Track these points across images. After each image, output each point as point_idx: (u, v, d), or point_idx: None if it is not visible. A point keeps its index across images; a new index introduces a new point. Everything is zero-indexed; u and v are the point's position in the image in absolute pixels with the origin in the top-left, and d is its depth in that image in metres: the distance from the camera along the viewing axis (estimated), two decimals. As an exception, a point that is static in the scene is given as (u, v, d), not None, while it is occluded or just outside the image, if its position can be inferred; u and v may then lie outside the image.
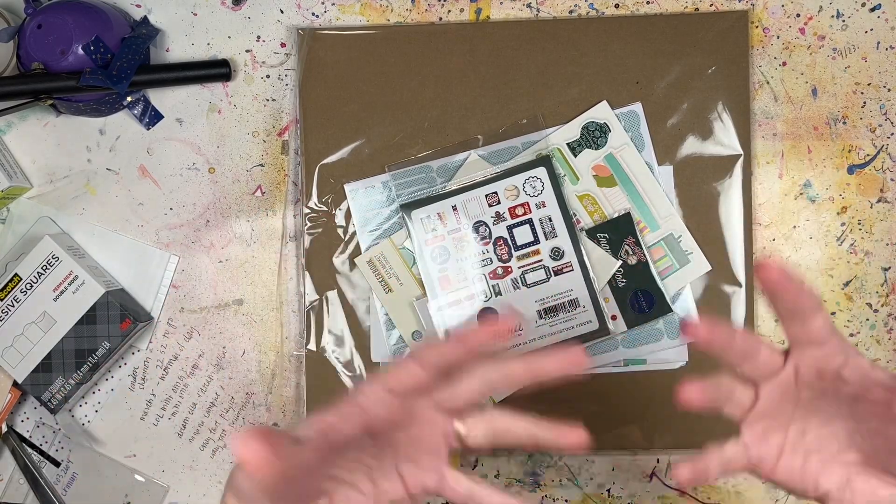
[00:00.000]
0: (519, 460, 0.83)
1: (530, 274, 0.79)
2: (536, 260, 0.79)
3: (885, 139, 0.81)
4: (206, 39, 0.83)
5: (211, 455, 0.84)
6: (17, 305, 0.80)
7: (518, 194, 0.79)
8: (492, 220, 0.79)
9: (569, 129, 0.80)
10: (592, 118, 0.80)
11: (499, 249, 0.79)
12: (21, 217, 0.84)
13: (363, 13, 0.82)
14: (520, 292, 0.79)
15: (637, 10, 0.81)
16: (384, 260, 0.80)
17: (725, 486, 0.82)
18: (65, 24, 0.78)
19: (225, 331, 0.84)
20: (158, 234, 0.83)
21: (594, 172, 0.80)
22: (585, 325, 0.79)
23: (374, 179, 0.81)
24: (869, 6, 0.81)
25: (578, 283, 0.79)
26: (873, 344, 0.81)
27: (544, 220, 0.79)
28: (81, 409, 0.84)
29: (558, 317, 0.79)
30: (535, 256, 0.79)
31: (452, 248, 0.79)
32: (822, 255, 0.81)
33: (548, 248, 0.79)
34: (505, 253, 0.79)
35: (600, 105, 0.80)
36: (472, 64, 0.81)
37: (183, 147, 0.83)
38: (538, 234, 0.79)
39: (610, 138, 0.80)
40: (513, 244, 0.79)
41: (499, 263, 0.79)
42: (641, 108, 0.80)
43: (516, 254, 0.79)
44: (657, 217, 0.79)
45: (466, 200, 0.79)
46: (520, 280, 0.79)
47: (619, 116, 0.80)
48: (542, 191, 0.79)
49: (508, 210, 0.79)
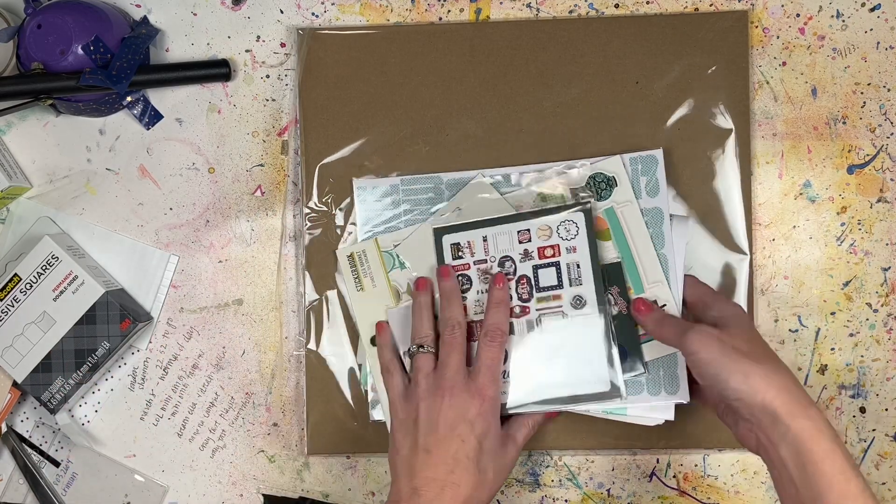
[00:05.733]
0: (519, 460, 0.83)
1: (547, 318, 0.76)
2: (556, 305, 0.76)
3: (885, 139, 0.81)
4: (205, 39, 0.83)
5: (211, 455, 0.84)
6: (17, 305, 0.80)
7: (550, 235, 0.77)
8: (519, 257, 0.77)
9: (576, 175, 0.79)
10: (602, 170, 0.78)
11: (520, 288, 0.77)
12: (21, 217, 0.83)
13: (363, 13, 0.82)
14: (532, 334, 0.76)
15: (637, 10, 0.81)
16: (364, 258, 0.80)
17: (725, 486, 0.82)
18: (65, 24, 0.78)
19: (225, 331, 0.84)
20: (158, 234, 0.83)
21: None
22: (597, 384, 0.76)
23: (384, 181, 0.80)
24: (869, 6, 0.81)
25: (596, 337, 0.76)
26: (873, 344, 0.81)
27: (572, 265, 0.76)
28: (81, 409, 0.84)
29: (570, 369, 0.76)
30: (555, 301, 0.76)
31: (475, 279, 0.78)
32: (821, 255, 0.81)
33: (570, 295, 0.76)
34: (526, 292, 0.77)
35: (613, 158, 0.78)
36: (472, 64, 0.81)
37: (183, 147, 0.83)
38: (563, 279, 0.76)
39: (615, 193, 0.78)
40: (535, 285, 0.77)
41: (518, 302, 0.77)
42: (662, 154, 0.78)
43: (537, 295, 0.77)
44: (645, 281, 0.77)
45: (498, 233, 0.78)
46: (535, 322, 0.76)
47: (636, 160, 0.78)
48: (576, 236, 0.76)
49: (538, 249, 0.77)
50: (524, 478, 0.83)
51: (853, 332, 0.81)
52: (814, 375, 0.81)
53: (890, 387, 0.82)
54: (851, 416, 0.82)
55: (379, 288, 0.80)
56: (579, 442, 0.81)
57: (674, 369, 0.76)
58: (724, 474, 0.82)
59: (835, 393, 0.82)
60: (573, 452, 0.82)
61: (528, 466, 0.83)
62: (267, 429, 0.83)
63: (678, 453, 0.82)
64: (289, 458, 0.83)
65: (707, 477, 0.82)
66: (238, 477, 0.84)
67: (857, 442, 0.82)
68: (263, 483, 0.84)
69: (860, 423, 0.82)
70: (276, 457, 0.83)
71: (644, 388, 0.77)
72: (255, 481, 0.84)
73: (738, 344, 0.65)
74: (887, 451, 0.82)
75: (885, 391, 0.82)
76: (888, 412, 0.82)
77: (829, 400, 0.82)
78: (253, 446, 0.84)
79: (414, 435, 0.71)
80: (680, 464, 0.83)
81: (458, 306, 0.76)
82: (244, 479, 0.84)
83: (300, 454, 0.83)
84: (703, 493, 0.83)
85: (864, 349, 0.81)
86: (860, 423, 0.82)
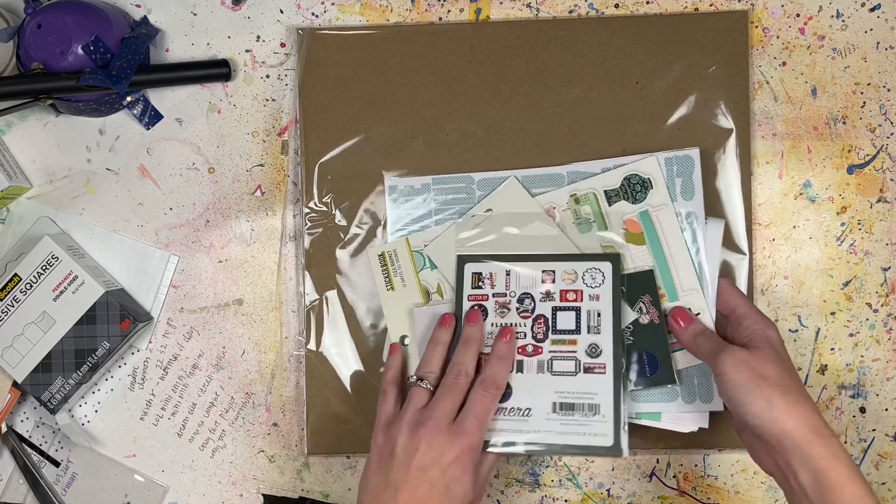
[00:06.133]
0: (519, 460, 0.83)
1: (560, 362, 0.74)
2: (570, 350, 0.74)
3: (885, 139, 0.81)
4: (205, 39, 0.83)
5: (211, 455, 0.84)
6: (17, 305, 0.80)
7: (575, 279, 0.75)
8: (539, 297, 0.76)
9: (610, 176, 0.78)
10: (637, 171, 0.77)
11: (536, 327, 0.75)
12: (21, 217, 0.83)
13: (363, 13, 0.82)
14: (542, 376, 0.74)
15: (637, 10, 0.81)
16: (395, 257, 0.80)
17: (725, 486, 0.82)
18: (65, 24, 0.78)
19: (225, 331, 0.84)
20: (158, 234, 0.83)
21: (625, 226, 0.77)
22: (598, 438, 0.73)
23: (416, 179, 0.80)
24: (869, 6, 0.81)
25: (606, 390, 0.73)
26: (873, 344, 0.81)
27: (592, 313, 0.75)
28: (81, 409, 0.84)
29: (573, 417, 0.73)
30: (570, 346, 0.74)
31: (492, 311, 0.76)
32: (821, 255, 0.81)
33: (586, 343, 0.74)
34: (541, 332, 0.75)
35: (649, 159, 0.77)
36: (472, 64, 0.81)
37: (183, 147, 0.83)
38: (581, 325, 0.75)
39: (650, 195, 0.77)
40: (552, 326, 0.75)
41: (531, 340, 0.75)
42: (699, 154, 0.77)
43: (552, 337, 0.75)
44: (679, 288, 0.76)
45: (522, 269, 0.77)
46: (546, 364, 0.75)
47: (672, 160, 0.77)
48: (601, 285, 0.75)
49: (560, 292, 0.76)
50: (524, 478, 0.83)
51: (853, 332, 0.81)
52: (814, 375, 0.81)
53: (890, 387, 0.82)
54: (851, 416, 0.82)
55: (409, 287, 0.80)
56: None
57: (708, 380, 0.76)
58: (724, 474, 0.82)
59: (835, 393, 0.82)
60: (573, 452, 0.82)
61: (528, 466, 0.83)
62: (267, 429, 0.84)
63: (678, 453, 0.82)
64: (289, 458, 0.83)
65: (707, 477, 0.82)
66: (238, 477, 0.84)
67: (857, 442, 0.82)
68: (263, 483, 0.84)
69: (860, 423, 0.82)
70: (276, 457, 0.83)
71: (679, 395, 0.77)
72: (255, 481, 0.84)
73: (767, 370, 0.67)
74: (887, 451, 0.82)
75: (885, 391, 0.82)
76: (888, 412, 0.82)
77: (829, 400, 0.82)
78: (253, 446, 0.84)
79: (385, 468, 0.70)
80: (680, 464, 0.83)
81: (473, 355, 0.74)
82: (244, 479, 0.84)
83: (300, 454, 0.83)
84: (703, 493, 0.83)
85: (864, 349, 0.81)
86: (860, 423, 0.82)
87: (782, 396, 0.66)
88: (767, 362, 0.68)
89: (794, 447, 0.64)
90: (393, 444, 0.70)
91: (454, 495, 0.69)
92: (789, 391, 0.66)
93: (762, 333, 0.71)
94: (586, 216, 0.78)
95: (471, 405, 0.71)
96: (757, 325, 0.71)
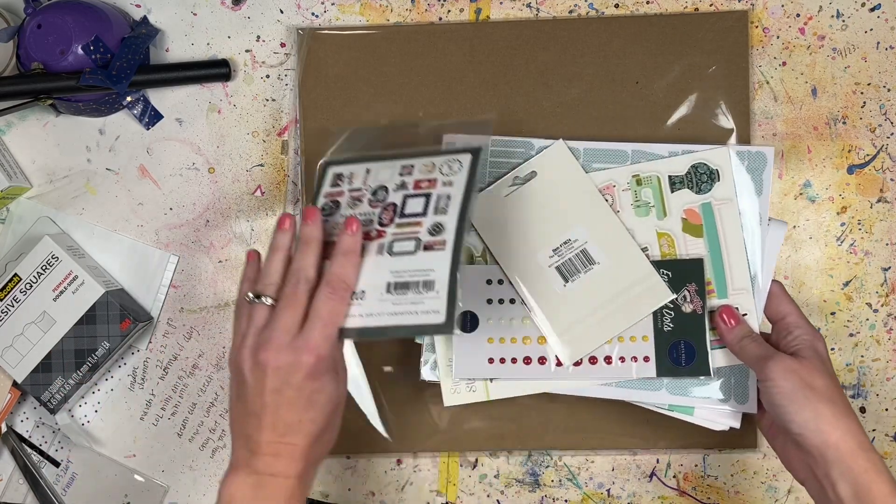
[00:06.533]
0: (519, 460, 0.83)
1: (400, 243, 0.68)
2: (414, 231, 0.68)
3: (885, 139, 0.81)
4: (205, 39, 0.83)
5: (210, 455, 0.84)
6: (17, 305, 0.80)
7: (433, 171, 0.71)
8: (394, 188, 0.71)
9: (677, 161, 0.76)
10: (706, 160, 0.75)
11: (384, 214, 0.70)
12: (21, 217, 0.83)
13: (363, 13, 0.82)
14: (380, 258, 0.68)
15: (637, 10, 0.81)
16: None
17: (725, 486, 0.82)
18: (64, 24, 0.78)
19: (225, 331, 0.84)
20: (158, 234, 0.83)
21: (684, 215, 0.76)
22: (431, 315, 0.66)
23: (476, 138, 0.76)
24: (869, 6, 0.81)
25: (443, 266, 0.67)
26: (873, 344, 0.81)
27: (442, 196, 0.69)
28: (81, 409, 0.84)
29: (406, 296, 0.67)
30: (414, 227, 0.69)
31: (344, 205, 0.71)
32: (821, 255, 0.81)
33: (430, 222, 0.68)
34: (388, 218, 0.70)
35: (721, 149, 0.75)
36: (472, 64, 0.81)
37: (183, 147, 0.83)
38: (429, 208, 0.69)
39: (716, 187, 0.75)
40: (400, 212, 0.70)
41: (376, 226, 0.69)
42: (773, 153, 0.75)
43: (398, 221, 0.69)
44: (730, 286, 0.75)
45: (382, 167, 0.72)
46: (386, 246, 0.69)
47: (744, 154, 0.75)
48: (457, 174, 0.70)
49: (414, 182, 0.71)
50: (524, 478, 0.83)
51: (853, 332, 0.81)
52: (814, 375, 0.81)
53: (890, 387, 0.82)
54: (851, 416, 0.82)
55: None
56: (579, 442, 0.81)
57: (745, 380, 0.75)
58: (724, 474, 0.82)
59: (835, 393, 0.82)
60: (573, 452, 0.82)
61: (528, 466, 0.83)
62: (267, 429, 0.83)
63: (678, 453, 0.82)
64: (289, 458, 0.83)
65: (707, 477, 0.82)
66: (238, 477, 0.84)
67: (857, 442, 0.82)
68: (263, 483, 0.84)
69: (860, 423, 0.82)
70: (276, 457, 0.83)
71: (714, 392, 0.76)
72: (255, 481, 0.84)
73: (816, 381, 0.67)
74: (887, 451, 0.82)
75: (885, 391, 0.82)
76: (888, 412, 0.82)
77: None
78: (253, 446, 0.84)
79: (242, 397, 0.65)
80: (680, 464, 0.83)
81: (312, 257, 0.67)
82: (244, 479, 0.84)
83: (300, 454, 0.83)
84: (703, 493, 0.83)
85: (864, 349, 0.81)
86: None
87: (829, 408, 0.66)
88: (816, 373, 0.68)
89: (836, 459, 0.65)
90: (241, 371, 0.65)
91: (319, 402, 0.65)
92: (836, 403, 0.67)
93: (811, 344, 0.71)
94: (646, 200, 0.76)
95: (315, 311, 0.65)
96: (806, 336, 0.71)
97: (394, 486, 0.83)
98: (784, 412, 0.67)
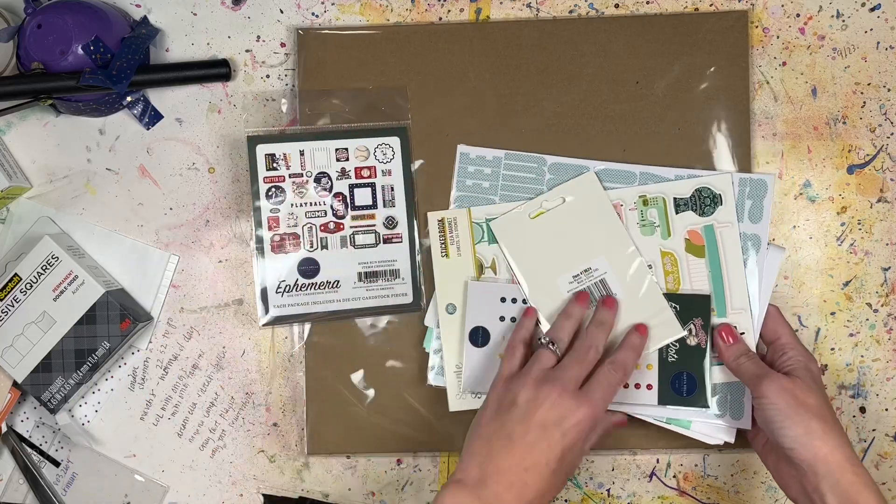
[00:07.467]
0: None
1: (361, 236, 0.79)
2: (370, 224, 0.80)
3: (885, 139, 0.81)
4: (205, 39, 0.83)
5: (211, 455, 0.84)
6: (17, 305, 0.80)
7: (368, 156, 0.79)
8: (336, 175, 0.79)
9: (682, 185, 0.78)
10: (709, 185, 0.78)
11: (336, 204, 0.79)
12: (21, 217, 0.84)
13: (363, 13, 0.82)
14: (346, 251, 0.79)
15: (637, 10, 0.81)
16: (454, 225, 0.79)
17: (725, 486, 0.82)
18: (65, 24, 0.78)
19: (225, 331, 0.84)
20: (158, 234, 0.83)
21: (687, 236, 0.78)
22: (400, 297, 0.80)
23: (488, 151, 0.80)
24: (869, 6, 0.81)
25: (403, 256, 0.80)
26: (873, 344, 0.81)
27: (386, 188, 0.79)
28: (81, 409, 0.84)
29: (377, 283, 0.79)
30: (369, 220, 0.80)
31: (290, 191, 0.79)
32: (821, 255, 0.81)
33: (383, 216, 0.80)
34: (342, 209, 0.79)
35: (723, 176, 0.78)
36: (472, 64, 0.81)
37: (183, 147, 0.83)
38: (377, 200, 0.80)
39: (718, 211, 0.78)
40: (351, 203, 0.80)
41: (332, 217, 0.79)
42: (773, 181, 0.78)
43: (352, 213, 0.80)
44: (729, 306, 0.77)
45: (315, 149, 0.79)
46: (349, 239, 0.79)
47: (745, 181, 0.78)
48: (392, 160, 0.79)
49: (354, 169, 0.80)
50: (524, 478, 0.83)
51: (853, 332, 0.81)
52: (814, 375, 0.81)
53: (890, 387, 0.82)
54: (851, 416, 0.82)
55: (464, 258, 0.80)
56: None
57: (740, 397, 0.78)
58: (724, 474, 0.82)
59: (835, 393, 0.82)
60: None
61: (528, 466, 0.83)
62: (267, 429, 0.84)
63: (678, 453, 0.82)
64: (289, 458, 0.83)
65: (707, 477, 0.82)
66: (238, 477, 0.84)
67: (857, 442, 0.82)
68: (263, 483, 0.84)
69: (860, 423, 0.82)
70: (276, 457, 0.83)
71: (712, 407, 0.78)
72: (255, 481, 0.84)
73: (809, 400, 0.70)
74: (887, 451, 0.82)
75: (885, 391, 0.82)
76: (888, 412, 0.82)
77: (830, 400, 0.82)
78: (253, 446, 0.84)
79: (503, 418, 0.69)
80: (680, 464, 0.83)
81: (605, 337, 0.75)
82: (244, 479, 0.84)
83: (300, 454, 0.83)
84: (703, 493, 0.83)
85: (864, 349, 0.81)
86: (860, 423, 0.82)
87: (820, 424, 0.69)
88: (809, 392, 0.71)
89: (826, 473, 0.67)
90: (515, 395, 0.70)
91: (568, 458, 0.69)
92: (826, 421, 0.69)
93: (804, 365, 0.74)
94: (651, 220, 0.78)
95: (600, 378, 0.72)
96: (800, 357, 0.75)
97: (394, 486, 0.83)
98: (777, 428, 0.70)
